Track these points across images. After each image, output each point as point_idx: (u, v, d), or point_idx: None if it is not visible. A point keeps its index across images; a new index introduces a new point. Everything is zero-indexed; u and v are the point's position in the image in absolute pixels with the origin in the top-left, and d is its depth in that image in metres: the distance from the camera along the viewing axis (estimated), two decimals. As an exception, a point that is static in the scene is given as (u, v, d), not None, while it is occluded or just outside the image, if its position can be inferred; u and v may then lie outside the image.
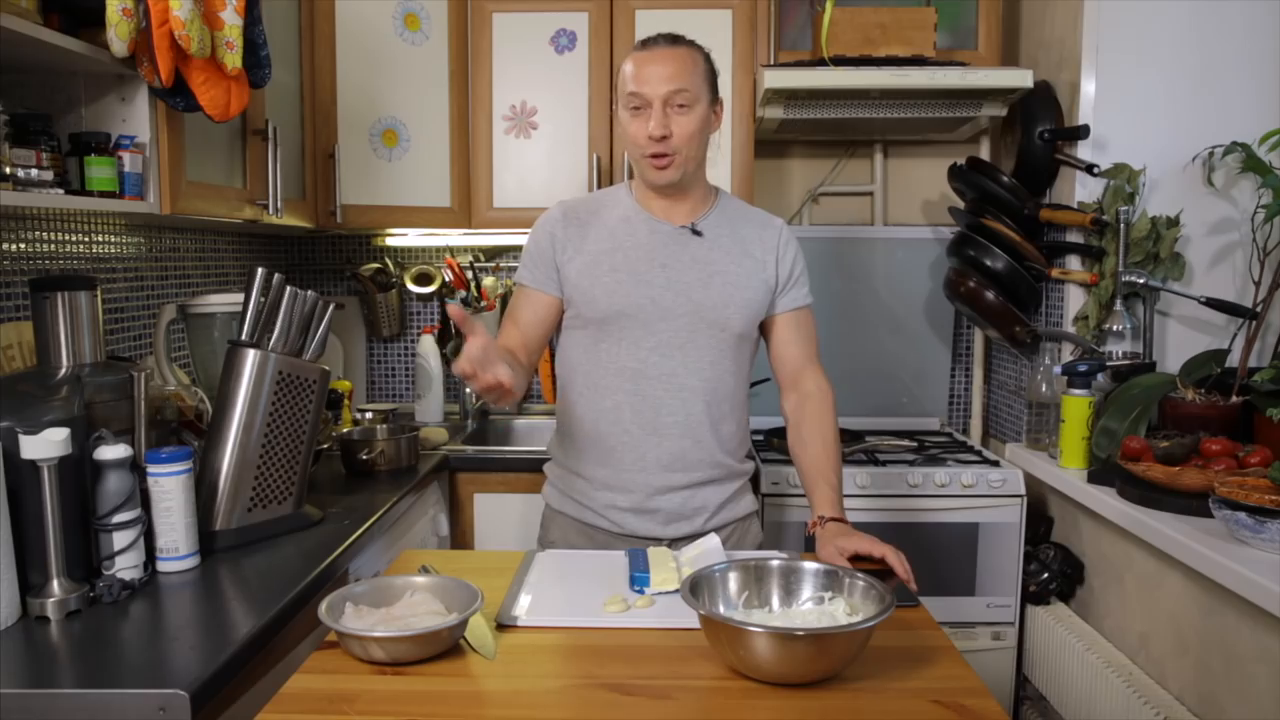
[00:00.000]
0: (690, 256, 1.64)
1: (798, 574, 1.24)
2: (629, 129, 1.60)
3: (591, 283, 1.62)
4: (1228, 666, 1.62)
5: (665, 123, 1.55)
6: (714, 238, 1.66)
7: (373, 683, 1.10)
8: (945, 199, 2.79)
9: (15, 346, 1.62)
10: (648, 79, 1.56)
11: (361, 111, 2.46)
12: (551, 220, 1.68)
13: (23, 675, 1.10)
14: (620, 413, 1.63)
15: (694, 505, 1.66)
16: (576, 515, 1.70)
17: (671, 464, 1.63)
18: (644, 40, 1.62)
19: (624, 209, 1.68)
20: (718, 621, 1.09)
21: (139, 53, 1.49)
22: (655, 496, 1.64)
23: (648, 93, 1.55)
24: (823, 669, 1.08)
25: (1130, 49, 2.22)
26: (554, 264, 1.65)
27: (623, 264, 1.62)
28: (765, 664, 1.07)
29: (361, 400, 2.93)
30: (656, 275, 1.62)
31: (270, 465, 1.61)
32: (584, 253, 1.64)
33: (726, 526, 1.70)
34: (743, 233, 1.68)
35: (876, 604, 1.14)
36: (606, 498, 1.66)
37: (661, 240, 1.64)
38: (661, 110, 1.55)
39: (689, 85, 1.56)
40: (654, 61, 1.57)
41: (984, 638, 2.34)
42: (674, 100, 1.55)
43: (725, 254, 1.65)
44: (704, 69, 1.60)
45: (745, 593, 1.23)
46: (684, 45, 1.60)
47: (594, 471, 1.66)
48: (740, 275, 1.64)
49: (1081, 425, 2.12)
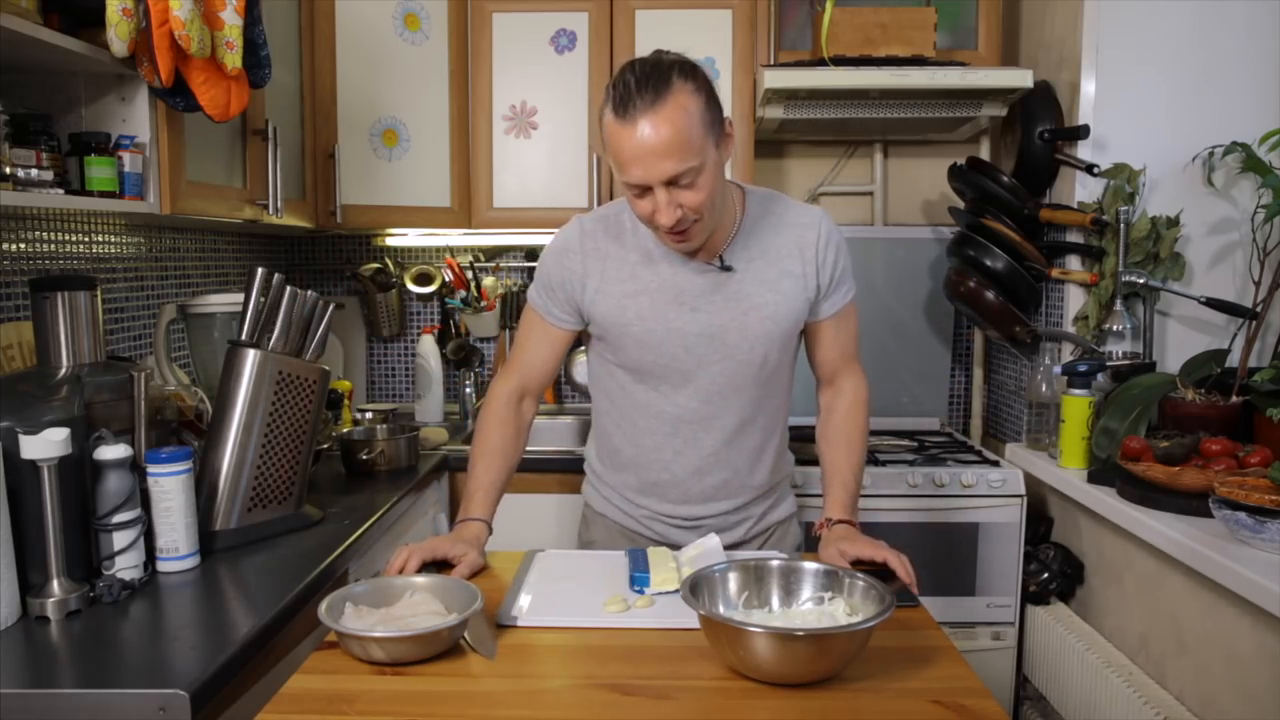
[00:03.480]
0: (723, 295, 1.49)
1: (798, 574, 1.24)
2: (635, 208, 1.40)
3: (620, 332, 1.51)
4: (1228, 666, 1.62)
5: (672, 203, 1.34)
6: (745, 266, 1.50)
7: (373, 683, 1.10)
8: (945, 199, 2.79)
9: (15, 346, 1.61)
10: (640, 163, 1.30)
11: (361, 111, 2.46)
12: (567, 249, 1.53)
13: (23, 675, 1.10)
14: (662, 454, 1.58)
15: (736, 520, 1.65)
16: (619, 520, 1.68)
17: (714, 495, 1.61)
18: (622, 97, 1.30)
19: (644, 237, 1.50)
20: (717, 622, 1.09)
21: (139, 53, 1.49)
22: (700, 519, 1.62)
23: (644, 180, 1.32)
24: (823, 669, 1.08)
25: (1130, 49, 2.21)
26: (569, 300, 1.54)
27: (649, 310, 1.49)
28: (765, 664, 1.07)
29: (361, 400, 2.93)
30: (688, 321, 1.49)
31: (270, 465, 1.61)
32: (605, 294, 1.51)
33: (765, 532, 1.69)
34: (777, 248, 1.51)
35: (876, 604, 1.14)
36: (649, 514, 1.65)
37: (688, 278, 1.49)
38: (666, 193, 1.33)
39: (691, 158, 1.30)
40: (642, 137, 1.29)
41: (984, 638, 2.34)
42: (679, 180, 1.32)
43: (760, 283, 1.50)
44: (700, 113, 1.32)
45: (745, 593, 1.23)
46: (673, 93, 1.29)
47: (636, 496, 1.65)
48: (780, 304, 1.50)
49: (1081, 425, 2.12)
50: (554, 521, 2.33)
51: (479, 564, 1.42)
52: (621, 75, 1.33)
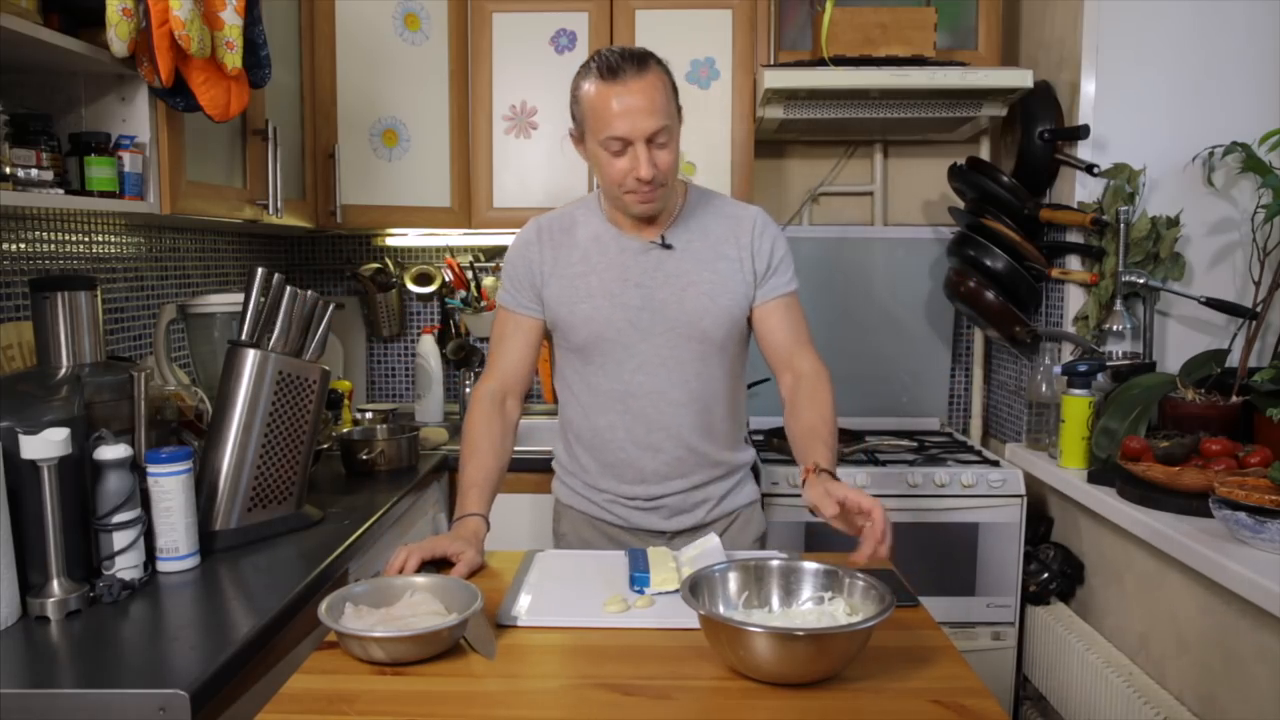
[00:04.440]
0: (663, 272, 1.61)
1: (798, 574, 1.24)
2: (609, 169, 1.52)
3: (570, 311, 1.62)
4: (1228, 666, 1.62)
5: (652, 161, 1.49)
6: (684, 246, 1.62)
7: (373, 683, 1.10)
8: (945, 199, 2.79)
9: (15, 346, 1.61)
10: (627, 118, 1.47)
11: (361, 111, 2.46)
12: (527, 243, 1.67)
13: (23, 675, 1.10)
14: (615, 432, 1.66)
15: (695, 500, 1.70)
16: (584, 509, 1.75)
17: (669, 473, 1.67)
18: (608, 65, 1.49)
19: (595, 226, 1.65)
20: (718, 622, 1.09)
21: (139, 53, 1.49)
22: (657, 499, 1.69)
23: (629, 134, 1.48)
24: (823, 669, 1.08)
25: (1130, 49, 2.22)
26: (533, 287, 1.65)
27: (598, 287, 1.61)
28: (765, 664, 1.07)
29: (361, 400, 2.93)
30: (631, 295, 1.60)
31: (270, 465, 1.61)
32: (559, 276, 1.63)
33: (728, 516, 1.73)
34: (715, 232, 1.64)
35: (876, 604, 1.14)
36: (610, 498, 1.71)
37: (632, 257, 1.62)
38: (646, 149, 1.49)
39: (667, 120, 1.50)
40: (629, 96, 1.47)
41: (984, 638, 2.34)
42: (656, 139, 1.49)
43: (698, 262, 1.62)
44: (670, 88, 1.53)
45: (745, 593, 1.23)
46: (651, 68, 1.50)
47: (596, 479, 1.71)
48: (716, 282, 1.61)
49: (1081, 425, 2.12)
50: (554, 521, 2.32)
51: (477, 562, 1.44)
52: (601, 53, 1.52)
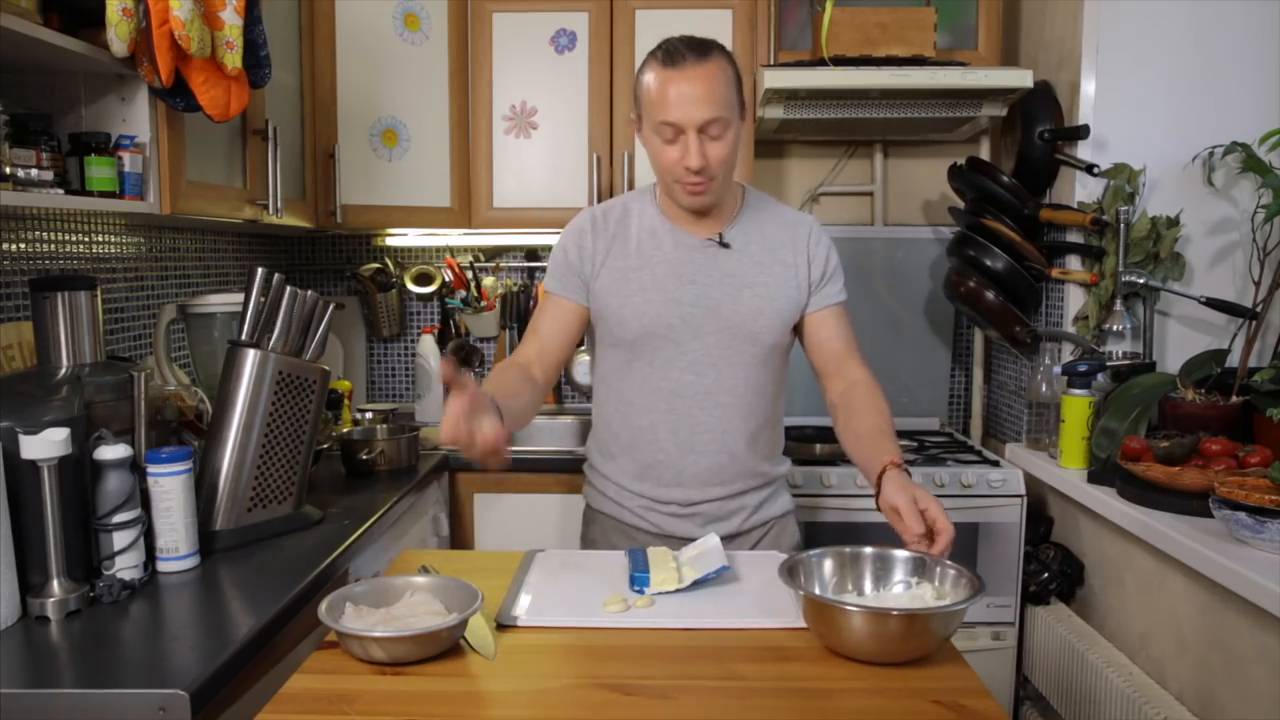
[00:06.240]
0: (719, 270, 1.59)
1: (888, 561, 1.32)
2: (660, 156, 1.51)
3: (621, 303, 1.59)
4: (1228, 666, 1.62)
5: (702, 152, 1.47)
6: (742, 247, 1.61)
7: (373, 683, 1.10)
8: (945, 199, 2.79)
9: (15, 346, 1.62)
10: (680, 105, 1.45)
11: (361, 111, 2.46)
12: (579, 231, 1.64)
13: (23, 675, 1.10)
14: (656, 431, 1.62)
15: (731, 509, 1.67)
16: (615, 515, 1.70)
17: (708, 479, 1.63)
18: (668, 51, 1.48)
19: (650, 219, 1.62)
20: (819, 602, 1.16)
21: (139, 53, 1.49)
22: (694, 504, 1.65)
23: (681, 121, 1.46)
24: (914, 649, 1.14)
25: (1130, 49, 2.21)
26: (580, 275, 1.62)
27: (651, 283, 1.58)
28: (862, 642, 1.14)
29: (361, 400, 2.93)
30: (685, 292, 1.58)
31: (270, 465, 1.61)
32: (611, 269, 1.60)
33: (763, 525, 1.70)
34: (772, 236, 1.63)
35: (965, 589, 1.20)
36: (645, 503, 1.67)
37: (688, 254, 1.59)
38: (697, 139, 1.46)
39: (723, 111, 1.46)
40: (685, 83, 1.45)
41: (984, 638, 2.34)
42: (709, 130, 1.46)
43: (754, 264, 1.60)
44: (734, 80, 1.50)
45: (836, 577, 1.30)
46: (713, 57, 1.48)
47: (632, 484, 1.67)
48: (771, 285, 1.60)
49: (1081, 425, 2.12)
50: (554, 521, 2.33)
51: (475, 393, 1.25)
52: (668, 41, 1.50)
